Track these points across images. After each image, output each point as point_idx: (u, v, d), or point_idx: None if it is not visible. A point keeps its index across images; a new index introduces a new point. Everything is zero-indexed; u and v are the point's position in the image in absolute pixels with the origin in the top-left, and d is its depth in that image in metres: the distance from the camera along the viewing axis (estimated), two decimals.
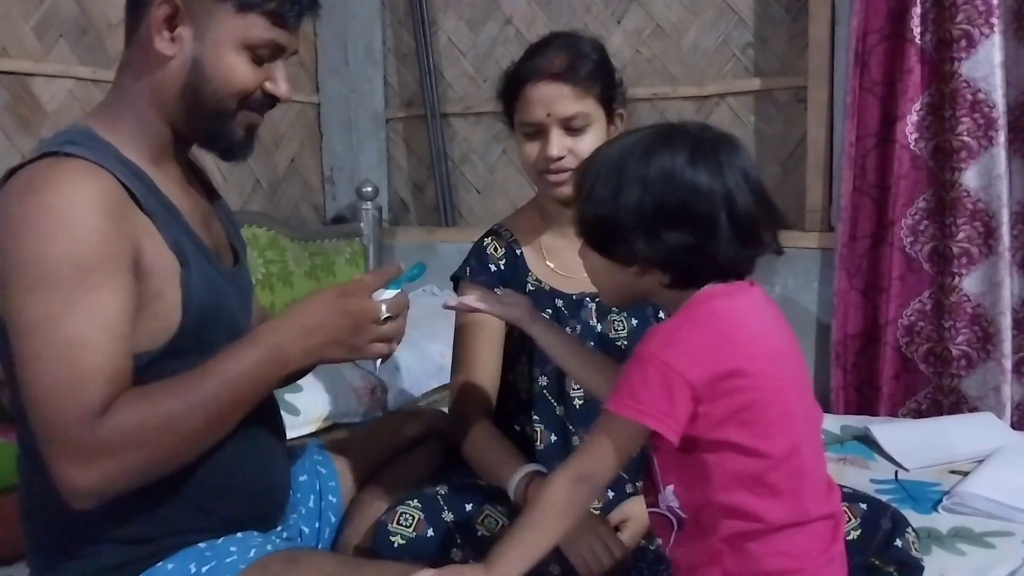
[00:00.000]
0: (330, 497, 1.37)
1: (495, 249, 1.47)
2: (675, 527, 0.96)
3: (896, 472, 1.73)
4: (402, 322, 1.10)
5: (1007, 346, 2.05)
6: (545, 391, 1.40)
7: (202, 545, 1.08)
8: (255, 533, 1.14)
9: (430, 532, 1.25)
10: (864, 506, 1.24)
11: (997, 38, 1.99)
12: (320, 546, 1.33)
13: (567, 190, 1.35)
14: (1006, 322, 2.04)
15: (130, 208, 1.01)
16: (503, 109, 1.42)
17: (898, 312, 2.18)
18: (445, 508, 1.28)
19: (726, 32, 2.49)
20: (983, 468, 1.65)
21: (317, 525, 1.34)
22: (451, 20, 2.90)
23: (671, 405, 0.88)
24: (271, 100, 1.10)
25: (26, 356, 0.94)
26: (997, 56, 1.99)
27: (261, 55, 1.07)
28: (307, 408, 1.91)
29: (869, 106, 2.17)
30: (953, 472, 1.70)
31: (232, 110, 1.08)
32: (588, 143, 1.33)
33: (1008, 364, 2.05)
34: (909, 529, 1.24)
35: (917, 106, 2.11)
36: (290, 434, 1.41)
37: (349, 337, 1.06)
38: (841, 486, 1.27)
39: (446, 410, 1.68)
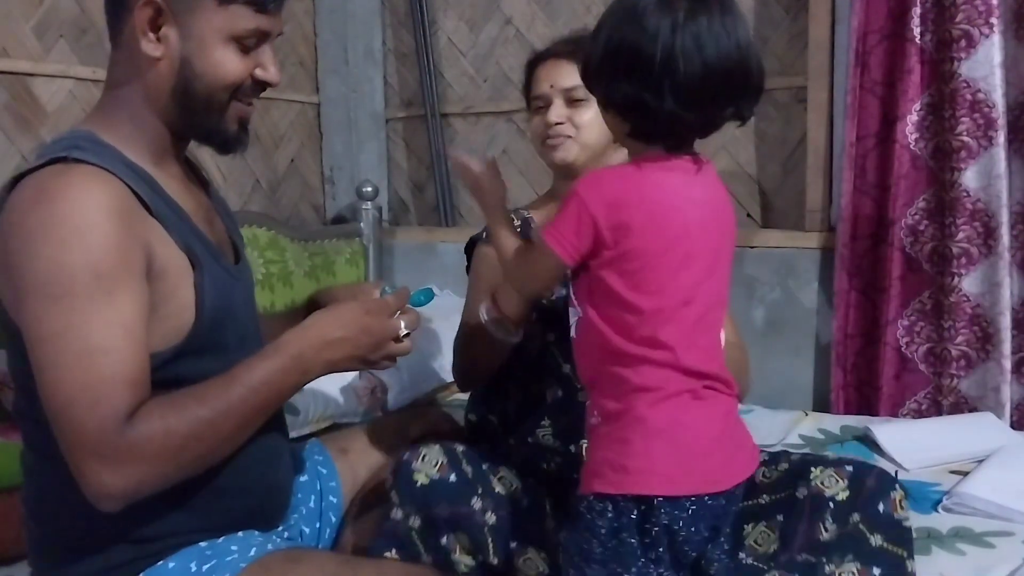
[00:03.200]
0: (330, 497, 1.37)
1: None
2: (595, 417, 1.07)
3: (896, 472, 1.72)
4: (412, 340, 1.16)
5: (1007, 346, 2.05)
6: (552, 347, 1.41)
7: (203, 544, 1.08)
8: (256, 533, 1.14)
9: (452, 477, 1.26)
10: (850, 468, 1.27)
11: (997, 38, 1.99)
12: (320, 546, 1.33)
13: (562, 154, 1.44)
14: (1006, 322, 2.04)
15: (139, 213, 1.01)
16: (525, 98, 1.53)
17: (898, 312, 2.18)
18: (464, 460, 1.30)
19: None
20: (983, 468, 1.65)
21: (318, 525, 1.34)
22: (451, 20, 2.90)
23: (577, 237, 1.00)
24: (261, 86, 1.11)
25: (48, 364, 0.94)
26: (997, 56, 1.99)
27: (247, 44, 1.06)
28: (307, 408, 1.91)
29: (869, 106, 2.17)
30: (953, 472, 1.70)
31: (224, 103, 1.08)
32: (588, 116, 1.41)
33: (1008, 364, 2.05)
34: (896, 487, 1.24)
35: (917, 106, 2.11)
36: (290, 434, 1.41)
37: (368, 353, 1.11)
38: (826, 454, 1.38)
39: (446, 410, 1.69)
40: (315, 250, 2.67)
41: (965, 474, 1.66)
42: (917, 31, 2.07)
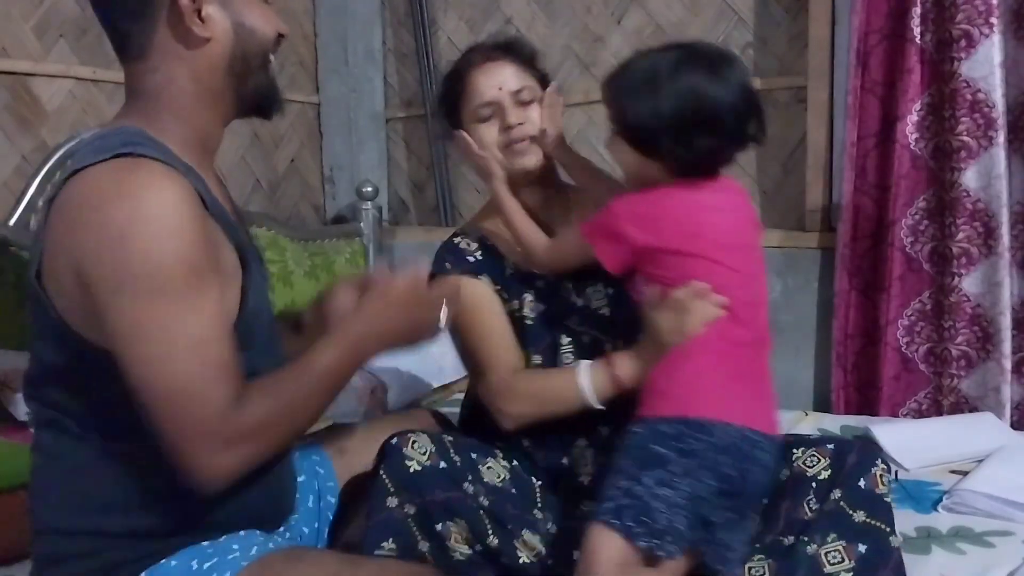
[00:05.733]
0: (329, 498, 1.37)
1: (467, 244, 1.47)
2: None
3: (896, 472, 1.73)
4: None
5: (1007, 346, 2.05)
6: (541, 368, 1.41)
7: (204, 543, 1.08)
8: (257, 532, 1.14)
9: (442, 464, 1.27)
10: (831, 446, 1.28)
11: (997, 38, 1.99)
12: (320, 546, 1.33)
13: (533, 159, 1.40)
14: (1006, 322, 2.04)
15: (203, 211, 1.02)
16: (446, 113, 1.47)
17: (898, 312, 2.18)
18: (451, 450, 1.30)
19: (726, 32, 2.49)
20: (983, 468, 1.65)
21: (316, 525, 1.34)
22: (451, 20, 2.90)
23: (610, 244, 1.22)
24: (279, 40, 1.15)
25: (150, 359, 0.95)
26: (997, 56, 1.99)
27: None
28: None
29: (869, 106, 2.17)
30: (953, 472, 1.70)
31: (269, 57, 1.13)
32: (536, 113, 1.40)
33: (1008, 364, 2.05)
34: (878, 462, 1.25)
35: (917, 106, 2.11)
36: None
37: (417, 325, 1.18)
38: (809, 434, 1.44)
39: (445, 410, 1.69)
40: (315, 250, 2.67)
41: (965, 474, 1.66)
42: (917, 31, 2.07)
